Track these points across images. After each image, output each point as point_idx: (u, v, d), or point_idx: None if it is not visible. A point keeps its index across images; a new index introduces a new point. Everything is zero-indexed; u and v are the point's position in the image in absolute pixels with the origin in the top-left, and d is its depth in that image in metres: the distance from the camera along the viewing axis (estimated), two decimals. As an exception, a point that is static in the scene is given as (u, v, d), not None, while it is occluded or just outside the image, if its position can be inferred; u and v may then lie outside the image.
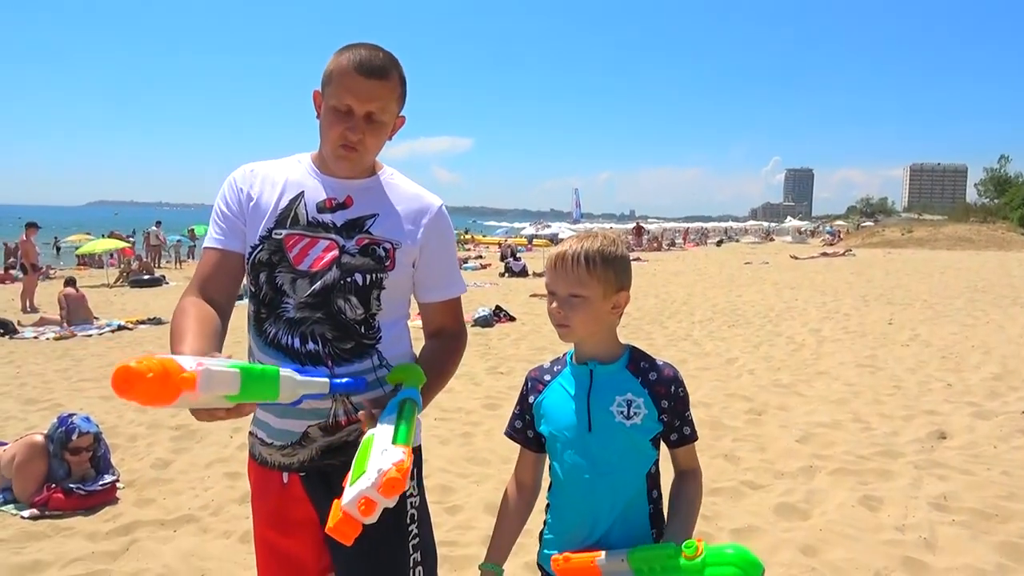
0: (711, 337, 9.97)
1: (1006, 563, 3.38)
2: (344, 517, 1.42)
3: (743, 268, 24.58)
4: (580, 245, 1.66)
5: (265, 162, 1.88)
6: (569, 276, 1.65)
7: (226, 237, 1.80)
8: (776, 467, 4.71)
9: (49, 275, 22.01)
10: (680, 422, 1.66)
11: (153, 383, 1.23)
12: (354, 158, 1.73)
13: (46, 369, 8.22)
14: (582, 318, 1.65)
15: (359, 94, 1.67)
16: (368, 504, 1.40)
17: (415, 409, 1.60)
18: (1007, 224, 45.51)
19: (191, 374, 1.27)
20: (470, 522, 3.93)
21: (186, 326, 1.61)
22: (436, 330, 1.92)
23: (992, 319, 11.46)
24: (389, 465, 1.41)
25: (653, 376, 1.66)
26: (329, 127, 1.70)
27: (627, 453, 1.64)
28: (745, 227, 72.92)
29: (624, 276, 1.69)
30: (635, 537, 1.62)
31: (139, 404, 1.26)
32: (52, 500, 4.08)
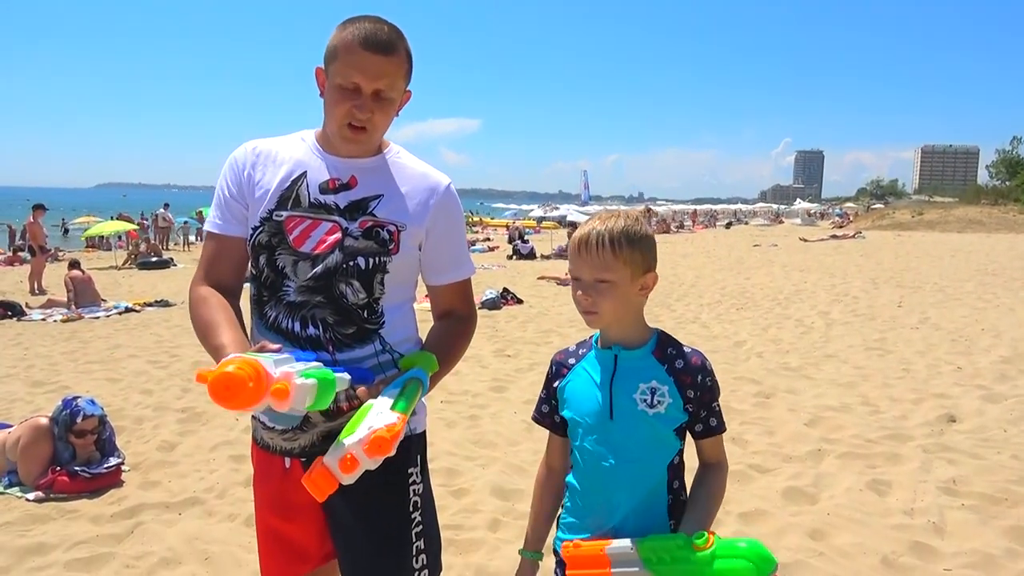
0: (719, 320, 9.91)
1: (1016, 548, 3.34)
2: (322, 470, 1.40)
3: (752, 250, 24.45)
4: (604, 226, 1.58)
5: (268, 139, 1.83)
6: (594, 261, 1.57)
7: (225, 222, 1.78)
8: (784, 451, 4.67)
9: (57, 257, 22.09)
10: (707, 413, 1.60)
11: (253, 392, 1.29)
12: (362, 138, 1.67)
13: (53, 351, 8.25)
14: (610, 304, 1.58)
15: (366, 71, 1.60)
16: (351, 462, 1.38)
17: (419, 388, 1.57)
18: (1018, 206, 45.08)
19: (284, 386, 1.32)
20: (476, 505, 3.91)
21: (215, 319, 1.65)
22: (445, 312, 1.87)
23: (1003, 302, 11.37)
24: (381, 425, 1.39)
25: (680, 364, 1.60)
26: (335, 105, 1.64)
27: (649, 442, 1.59)
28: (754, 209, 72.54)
29: (651, 256, 1.62)
30: (652, 527, 1.58)
31: (225, 407, 1.30)
32: (57, 483, 4.09)
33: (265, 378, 1.31)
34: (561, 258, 20.98)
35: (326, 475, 1.39)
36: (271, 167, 1.75)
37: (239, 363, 1.31)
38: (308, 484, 1.40)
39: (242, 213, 1.76)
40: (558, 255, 21.68)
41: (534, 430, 5.16)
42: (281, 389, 1.31)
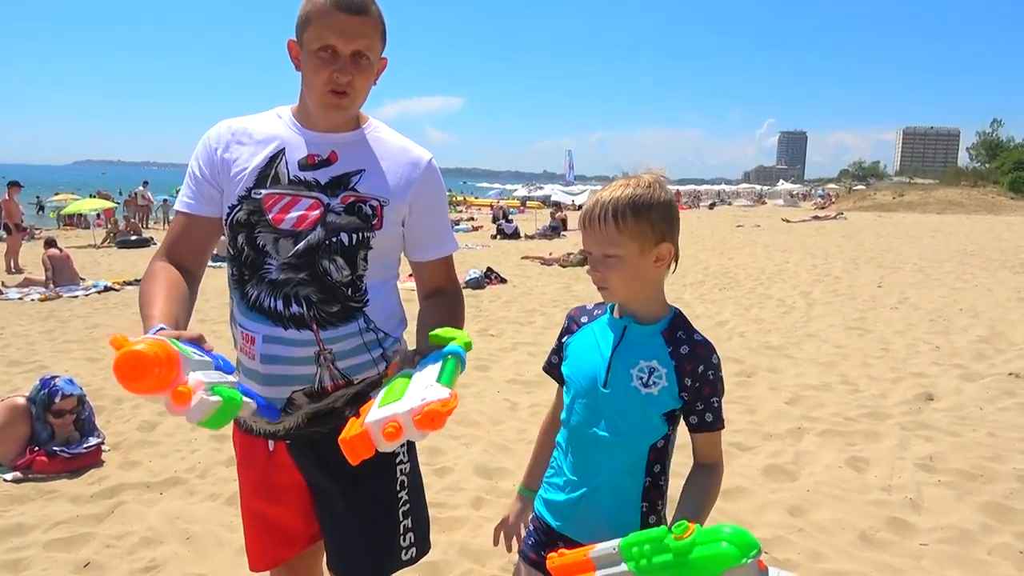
0: (702, 300, 9.96)
1: (990, 523, 3.40)
2: (362, 434, 1.32)
3: (735, 231, 24.56)
4: (609, 196, 1.50)
5: (243, 118, 1.78)
6: (599, 235, 1.51)
7: (195, 201, 1.74)
8: (765, 429, 4.72)
9: (34, 235, 21.77)
10: (703, 406, 1.53)
11: (157, 380, 1.22)
12: (345, 103, 1.63)
13: (30, 330, 8.13)
14: (620, 278, 1.52)
15: (343, 32, 1.57)
16: (396, 430, 1.30)
17: (459, 364, 1.48)
18: (997, 188, 45.57)
19: (187, 391, 1.24)
20: (459, 484, 3.92)
21: (156, 291, 1.59)
22: (431, 291, 1.84)
23: (981, 282, 11.50)
24: (435, 399, 1.31)
25: (685, 350, 1.53)
26: (314, 73, 1.60)
27: (635, 420, 1.55)
28: (738, 190, 72.75)
29: (664, 225, 1.52)
30: (621, 503, 1.58)
31: (124, 386, 1.23)
32: (35, 463, 4.04)
33: (176, 372, 1.24)
34: (545, 238, 20.98)
35: (365, 440, 1.32)
36: (247, 146, 1.71)
37: (154, 344, 1.24)
38: (345, 446, 1.32)
39: (212, 194, 1.73)
40: (542, 235, 21.67)
41: (517, 409, 5.18)
42: (184, 393, 1.23)
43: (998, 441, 4.42)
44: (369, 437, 1.31)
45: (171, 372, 1.24)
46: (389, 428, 1.29)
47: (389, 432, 1.29)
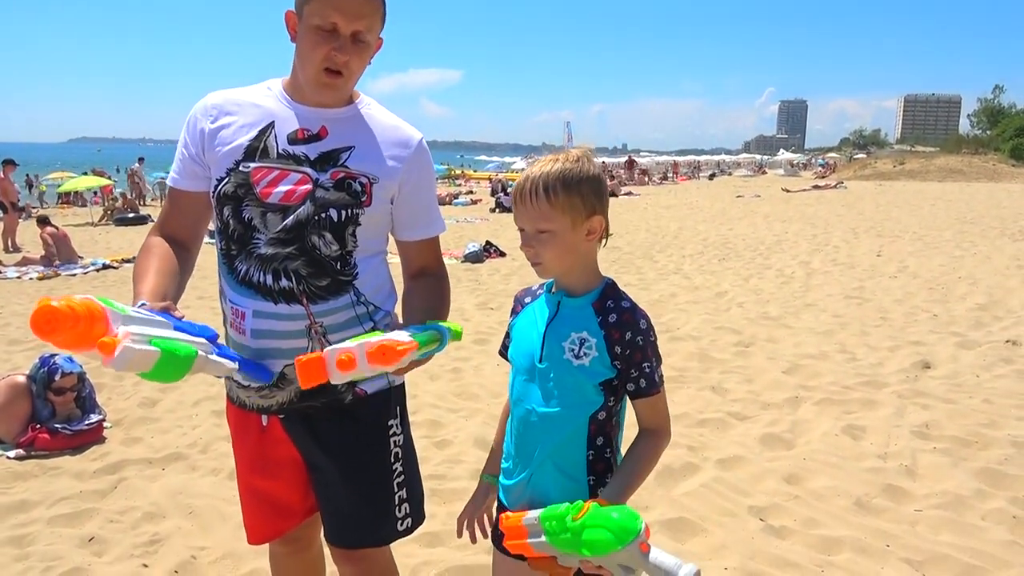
0: (701, 271, 9.96)
1: (984, 488, 3.43)
2: (317, 359, 1.39)
3: (735, 201, 24.47)
4: (539, 172, 1.50)
5: (232, 90, 1.76)
6: (531, 211, 1.51)
7: (181, 177, 1.76)
8: (762, 398, 4.74)
9: (31, 214, 21.71)
10: (636, 372, 1.52)
11: (77, 334, 1.25)
12: (339, 83, 1.63)
13: (29, 309, 8.08)
14: (553, 253, 1.52)
15: (346, 11, 1.55)
16: (349, 360, 1.37)
17: (438, 338, 1.56)
18: (998, 156, 45.34)
19: (111, 342, 1.26)
20: (459, 456, 3.95)
21: (148, 265, 1.63)
22: (417, 272, 1.84)
23: (980, 250, 11.50)
24: (392, 339, 1.39)
25: (613, 318, 1.53)
26: (312, 48, 1.58)
27: (569, 392, 1.54)
28: (738, 160, 72.38)
29: (595, 198, 1.52)
30: (567, 478, 1.58)
31: (41, 339, 1.26)
32: (38, 440, 4.07)
33: (101, 327, 1.27)
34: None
35: (319, 365, 1.38)
36: (235, 118, 1.70)
37: (77, 303, 1.26)
38: (299, 367, 1.40)
39: (197, 171, 1.73)
40: (541, 208, 21.54)
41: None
42: (108, 343, 1.26)
43: (994, 408, 4.45)
44: (323, 363, 1.38)
45: (93, 327, 1.26)
46: (342, 357, 1.37)
47: (342, 361, 1.36)
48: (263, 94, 1.74)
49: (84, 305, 1.26)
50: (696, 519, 3.20)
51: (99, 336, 1.26)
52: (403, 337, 1.42)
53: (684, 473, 3.66)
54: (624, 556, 1.33)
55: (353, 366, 1.37)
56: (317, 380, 1.39)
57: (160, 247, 1.70)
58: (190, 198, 1.76)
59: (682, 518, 3.20)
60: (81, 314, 1.25)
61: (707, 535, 3.09)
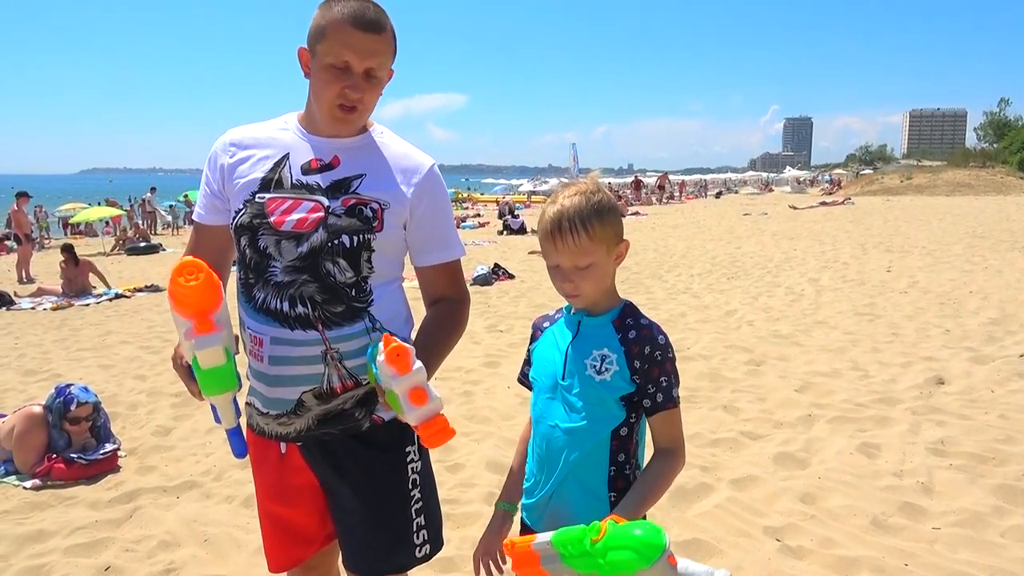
0: (710, 290, 9.95)
1: (1003, 505, 3.40)
2: (420, 428, 1.48)
3: (742, 219, 24.47)
4: (571, 207, 1.54)
5: (250, 126, 1.83)
6: (571, 248, 1.54)
7: (206, 212, 1.85)
8: (775, 417, 4.72)
9: (43, 245, 21.95)
10: (654, 387, 1.56)
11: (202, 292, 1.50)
12: (352, 118, 1.68)
13: (44, 339, 8.21)
14: (592, 284, 1.59)
15: (358, 50, 1.60)
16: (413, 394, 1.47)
17: None
18: (1006, 168, 45.19)
19: (212, 323, 1.50)
20: (472, 480, 3.95)
21: None
22: (436, 298, 1.85)
23: (990, 264, 11.44)
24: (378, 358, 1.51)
25: (632, 334, 1.59)
26: (325, 86, 1.63)
27: (592, 408, 1.58)
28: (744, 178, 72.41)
29: (620, 224, 1.60)
30: (589, 494, 1.60)
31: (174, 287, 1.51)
32: (54, 470, 4.10)
33: (215, 304, 1.52)
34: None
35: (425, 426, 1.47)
36: (254, 152, 1.75)
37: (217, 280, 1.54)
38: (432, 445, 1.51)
39: (218, 205, 1.80)
40: (548, 229, 21.58)
41: (528, 404, 5.19)
42: (210, 322, 1.49)
43: (1009, 423, 4.42)
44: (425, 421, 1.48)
45: (213, 297, 1.52)
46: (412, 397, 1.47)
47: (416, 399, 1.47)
48: (279, 128, 1.79)
49: (218, 282, 1.53)
50: (711, 540, 3.18)
51: (207, 313, 1.50)
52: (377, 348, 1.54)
53: (698, 494, 3.64)
54: (652, 574, 1.30)
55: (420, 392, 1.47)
56: (442, 422, 1.48)
57: None
58: (213, 232, 1.83)
59: (697, 540, 3.18)
60: (216, 285, 1.51)
61: (723, 557, 3.07)
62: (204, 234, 1.86)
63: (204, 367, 1.48)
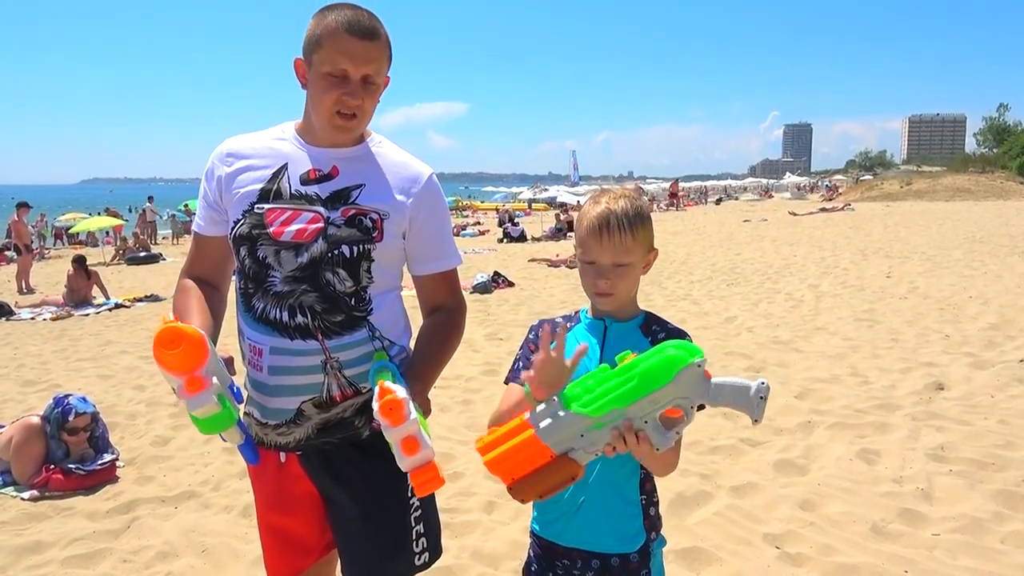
0: (710, 296, 9.95)
1: (1003, 511, 3.39)
2: (412, 475, 1.48)
3: (742, 226, 24.49)
4: (619, 208, 1.60)
5: (247, 136, 1.83)
6: (616, 246, 1.60)
7: (204, 223, 1.85)
8: (775, 423, 4.71)
9: (44, 255, 21.98)
10: None
11: (184, 358, 1.45)
12: (352, 125, 1.68)
13: (43, 350, 8.22)
14: (627, 284, 1.64)
15: (355, 57, 1.61)
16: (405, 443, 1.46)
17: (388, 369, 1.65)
18: (1006, 173, 45.23)
19: (202, 381, 1.47)
20: (471, 488, 3.94)
21: (189, 304, 1.74)
22: (433, 307, 1.87)
23: (990, 269, 11.44)
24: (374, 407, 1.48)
25: (662, 336, 1.64)
26: (323, 94, 1.64)
27: None
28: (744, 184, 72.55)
29: (653, 233, 1.69)
30: (623, 499, 1.63)
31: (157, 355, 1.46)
32: (52, 481, 4.09)
33: (200, 361, 1.48)
34: (552, 240, 21.00)
35: (416, 472, 1.47)
36: (251, 162, 1.76)
37: (194, 331, 1.49)
38: (423, 492, 1.51)
39: (216, 216, 1.81)
40: (549, 237, 21.68)
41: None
42: (199, 380, 1.46)
43: (1009, 429, 4.40)
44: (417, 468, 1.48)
45: (197, 358, 1.46)
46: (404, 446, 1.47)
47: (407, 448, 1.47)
48: (277, 138, 1.79)
49: (201, 339, 1.48)
50: (710, 548, 3.17)
51: (193, 369, 1.47)
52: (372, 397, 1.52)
53: (697, 501, 3.64)
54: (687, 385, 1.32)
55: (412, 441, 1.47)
56: (433, 469, 1.48)
57: (195, 288, 1.79)
58: (213, 242, 1.84)
59: (696, 547, 3.17)
60: (199, 344, 1.47)
61: (722, 564, 3.06)
62: (203, 245, 1.86)
63: (200, 418, 1.50)
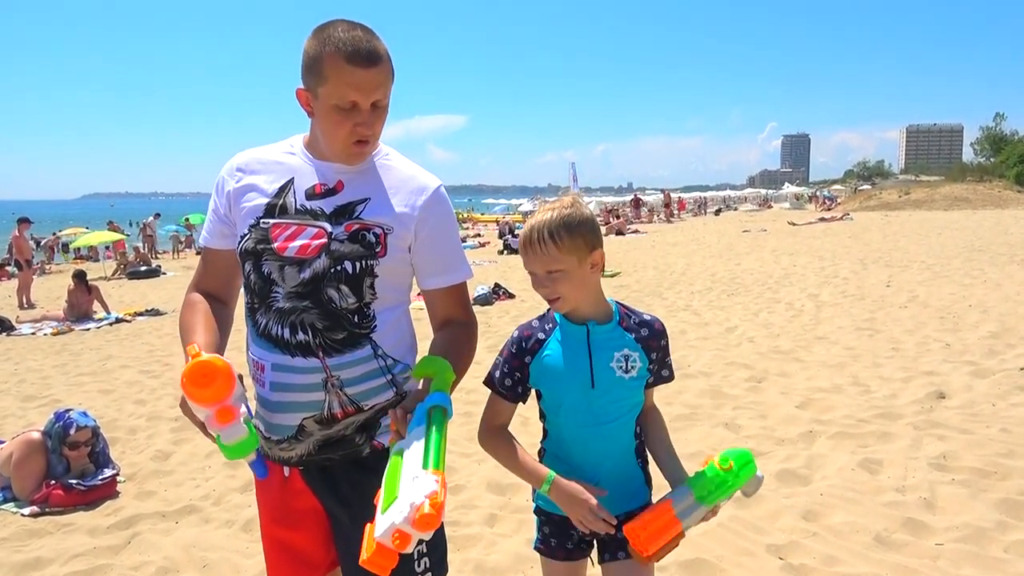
0: (710, 307, 9.95)
1: (1006, 520, 3.38)
2: (379, 548, 1.32)
3: (741, 236, 24.51)
4: (542, 220, 1.71)
5: (257, 150, 1.83)
6: (539, 255, 1.72)
7: (212, 236, 1.85)
8: (777, 434, 4.71)
9: (45, 270, 22.01)
10: (663, 368, 1.85)
11: (220, 390, 1.43)
12: (368, 150, 1.69)
13: (44, 365, 8.21)
14: (567, 288, 1.73)
15: (363, 88, 1.59)
16: (403, 537, 1.30)
17: (445, 419, 1.46)
18: (1003, 182, 45.28)
19: (232, 411, 1.45)
20: (473, 501, 3.93)
21: (195, 320, 1.73)
22: (443, 322, 1.83)
23: (989, 277, 11.44)
24: (422, 498, 1.29)
25: (645, 332, 1.81)
26: (336, 127, 1.63)
27: (625, 403, 1.79)
28: (743, 195, 72.66)
29: (593, 236, 1.74)
30: (627, 469, 1.84)
31: (188, 392, 1.43)
32: (52, 496, 4.08)
33: (230, 392, 1.44)
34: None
35: (384, 551, 1.32)
36: (259, 178, 1.76)
37: (223, 362, 1.45)
38: (369, 566, 1.33)
39: (225, 230, 1.80)
40: (548, 248, 21.65)
41: (529, 424, 5.16)
42: (230, 411, 1.44)
43: (1011, 437, 4.40)
44: (387, 549, 1.32)
45: (228, 390, 1.44)
46: (396, 539, 1.30)
47: (398, 543, 1.31)
48: (286, 152, 1.79)
49: (228, 368, 1.46)
50: (713, 559, 3.16)
51: (226, 397, 1.45)
52: (429, 486, 1.32)
53: (700, 512, 3.62)
54: (756, 480, 1.74)
55: (409, 539, 1.31)
56: (391, 566, 1.33)
57: (202, 303, 1.79)
58: (221, 256, 1.83)
59: (699, 559, 3.16)
60: (229, 372, 1.45)
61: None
62: (212, 258, 1.85)
63: (230, 446, 1.49)
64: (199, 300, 1.79)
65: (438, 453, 1.39)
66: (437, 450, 1.39)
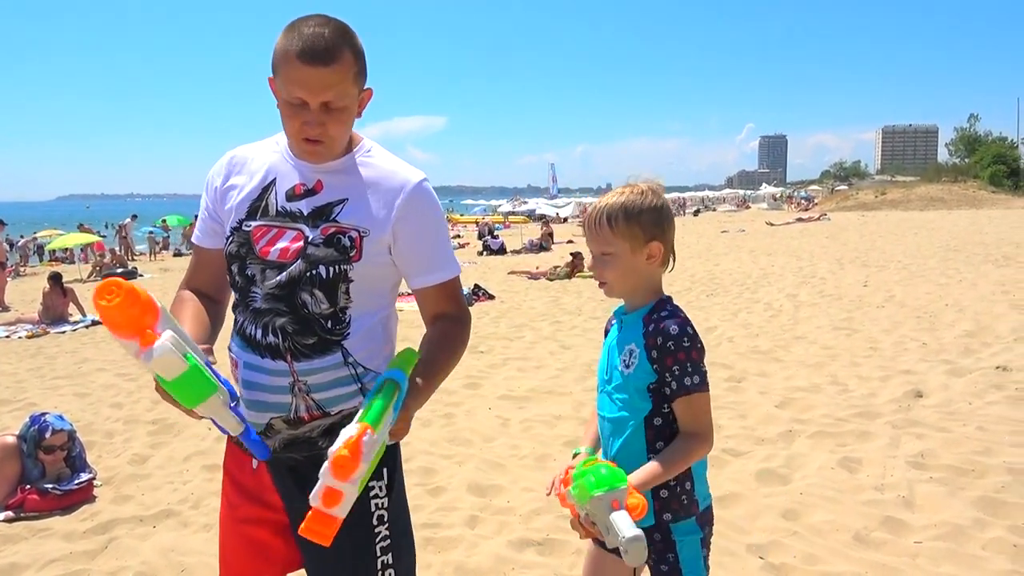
0: (690, 307, 9.99)
1: (983, 517, 3.42)
2: (313, 513, 1.31)
3: (720, 237, 24.69)
4: (605, 203, 1.72)
5: (246, 147, 1.80)
6: (595, 236, 1.74)
7: (202, 235, 1.84)
8: (756, 433, 4.74)
9: (19, 272, 21.65)
10: (669, 376, 1.65)
11: (129, 313, 1.34)
12: (319, 150, 1.63)
13: (18, 368, 8.07)
14: (615, 274, 1.73)
15: (308, 86, 1.53)
16: (329, 493, 1.29)
17: (394, 390, 1.45)
18: (978, 182, 46.01)
19: (153, 335, 1.33)
20: (453, 503, 3.91)
21: (183, 315, 1.72)
22: (433, 317, 1.78)
23: (965, 277, 11.60)
24: (339, 443, 1.30)
25: (651, 327, 1.69)
26: (287, 120, 1.60)
27: (625, 399, 1.73)
28: (721, 195, 73.23)
29: (654, 226, 1.71)
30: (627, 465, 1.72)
31: (102, 316, 1.34)
32: (27, 501, 4.01)
33: (149, 316, 1.35)
34: (531, 252, 21.04)
35: (318, 516, 1.30)
36: (244, 176, 1.74)
37: (142, 290, 1.36)
38: (306, 534, 1.31)
39: (215, 228, 1.79)
40: (528, 249, 21.73)
41: (509, 426, 5.17)
42: (149, 336, 1.34)
43: (988, 435, 4.46)
44: (321, 513, 1.31)
45: (146, 315, 1.35)
46: (325, 497, 1.30)
47: (326, 500, 1.30)
48: (271, 150, 1.76)
49: (146, 294, 1.37)
50: (695, 559, 3.16)
51: (146, 328, 1.35)
52: (350, 431, 1.32)
53: (682, 512, 3.63)
54: (600, 505, 1.44)
55: (338, 494, 1.29)
56: (332, 531, 1.33)
57: (191, 299, 1.78)
58: (211, 254, 1.81)
59: (681, 558, 3.16)
60: (143, 298, 1.35)
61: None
62: (203, 257, 1.84)
63: (169, 379, 1.36)
64: (188, 296, 1.78)
65: (370, 410, 1.39)
66: (371, 408, 1.40)
